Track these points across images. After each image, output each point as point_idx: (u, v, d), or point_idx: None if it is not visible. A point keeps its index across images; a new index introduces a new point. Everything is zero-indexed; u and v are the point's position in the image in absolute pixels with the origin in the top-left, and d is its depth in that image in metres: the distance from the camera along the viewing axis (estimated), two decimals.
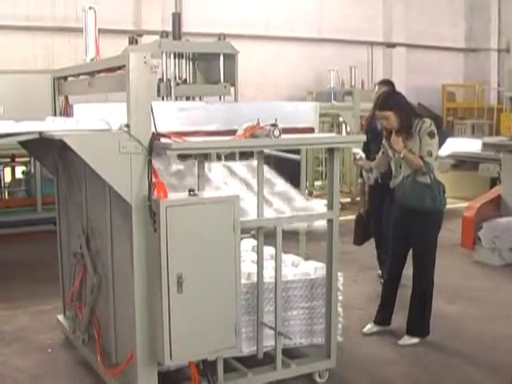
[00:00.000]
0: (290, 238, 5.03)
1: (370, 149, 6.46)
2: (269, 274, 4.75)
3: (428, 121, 5.49)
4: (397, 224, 5.74)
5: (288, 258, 5.25)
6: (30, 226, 9.63)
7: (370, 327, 5.94)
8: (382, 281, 7.19)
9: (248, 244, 5.50)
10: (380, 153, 5.83)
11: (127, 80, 4.01)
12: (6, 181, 10.71)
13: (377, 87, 7.26)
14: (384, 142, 5.72)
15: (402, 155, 5.43)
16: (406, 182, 5.48)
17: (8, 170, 10.86)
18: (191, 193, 4.10)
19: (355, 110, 12.29)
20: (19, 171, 10.87)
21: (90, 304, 5.07)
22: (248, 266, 4.93)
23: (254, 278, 4.71)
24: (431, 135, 5.42)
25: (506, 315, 6.43)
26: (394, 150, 5.52)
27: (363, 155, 6.07)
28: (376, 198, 7.18)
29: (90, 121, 4.29)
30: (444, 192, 5.50)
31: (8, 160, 10.58)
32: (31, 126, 4.20)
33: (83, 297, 5.23)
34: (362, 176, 7.07)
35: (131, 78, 3.99)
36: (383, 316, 5.93)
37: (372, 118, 7.19)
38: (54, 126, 4.38)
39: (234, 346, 4.25)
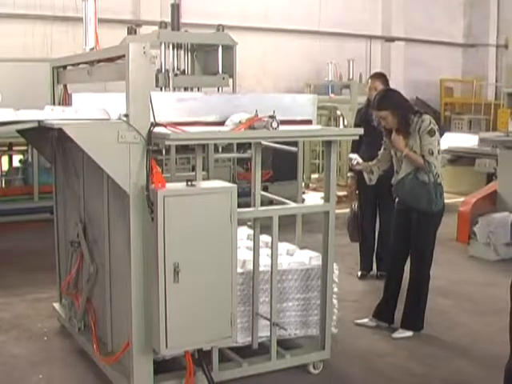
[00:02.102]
0: (286, 227, 5.05)
1: (360, 141, 6.43)
2: (263, 263, 4.78)
3: (427, 118, 5.44)
4: (397, 220, 5.75)
5: (283, 247, 5.27)
6: (27, 215, 9.65)
7: (365, 321, 5.94)
8: (360, 274, 7.39)
9: (243, 232, 5.52)
10: (382, 149, 5.81)
11: (126, 70, 4.02)
12: (3, 169, 10.70)
13: (370, 81, 7.24)
14: (385, 139, 5.71)
15: (403, 154, 5.42)
16: (406, 179, 5.47)
17: (5, 159, 10.85)
18: (189, 183, 4.12)
19: (353, 103, 12.31)
20: (16, 160, 10.87)
21: (86, 292, 5.10)
22: (243, 253, 4.95)
23: (249, 266, 4.74)
24: (431, 133, 5.39)
25: (500, 309, 6.41)
26: (396, 148, 5.51)
27: (360, 160, 6.07)
28: (368, 198, 7.18)
29: (89, 110, 4.30)
30: (441, 195, 5.49)
31: (5, 148, 10.58)
32: (30, 115, 4.21)
33: (79, 285, 5.25)
34: (351, 170, 7.02)
35: (130, 68, 4.00)
36: (383, 313, 5.89)
37: (365, 112, 7.18)
38: (52, 114, 4.39)
39: (229, 336, 4.27)
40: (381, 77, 7.18)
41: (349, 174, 7.38)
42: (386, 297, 5.90)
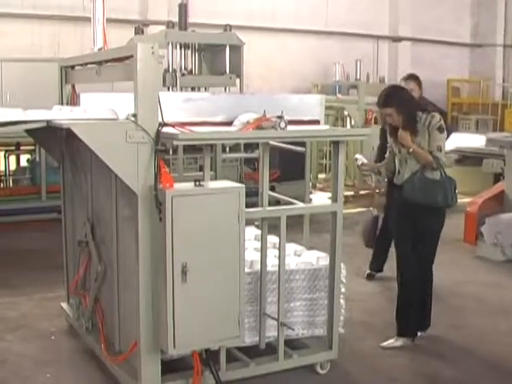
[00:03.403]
0: (293, 228, 5.05)
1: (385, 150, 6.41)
2: (271, 263, 4.79)
3: (437, 116, 5.38)
4: (403, 220, 5.55)
5: (290, 248, 5.27)
6: (35, 214, 9.69)
7: (391, 341, 5.57)
8: (367, 274, 7.42)
9: (250, 233, 5.52)
10: (387, 152, 5.73)
11: (135, 70, 4.02)
12: (10, 169, 10.73)
13: (404, 83, 7.01)
14: (388, 138, 5.67)
15: (410, 150, 5.34)
16: (414, 177, 5.36)
17: (13, 158, 10.89)
18: (197, 183, 4.13)
19: (360, 103, 12.31)
20: (24, 159, 10.90)
21: (94, 292, 5.11)
22: (251, 254, 4.95)
23: (257, 267, 4.74)
24: (440, 130, 5.34)
25: (507, 310, 6.46)
26: (402, 145, 5.45)
27: (365, 160, 6.04)
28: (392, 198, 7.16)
29: (98, 110, 4.31)
30: (455, 188, 5.41)
31: (13, 148, 10.62)
32: (39, 115, 4.22)
33: (87, 285, 5.26)
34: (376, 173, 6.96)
35: (139, 68, 4.01)
36: (412, 327, 5.59)
37: None
38: (61, 114, 4.40)
39: (236, 335, 4.28)
40: (416, 78, 6.97)
41: (374, 178, 7.28)
42: (408, 309, 5.55)
